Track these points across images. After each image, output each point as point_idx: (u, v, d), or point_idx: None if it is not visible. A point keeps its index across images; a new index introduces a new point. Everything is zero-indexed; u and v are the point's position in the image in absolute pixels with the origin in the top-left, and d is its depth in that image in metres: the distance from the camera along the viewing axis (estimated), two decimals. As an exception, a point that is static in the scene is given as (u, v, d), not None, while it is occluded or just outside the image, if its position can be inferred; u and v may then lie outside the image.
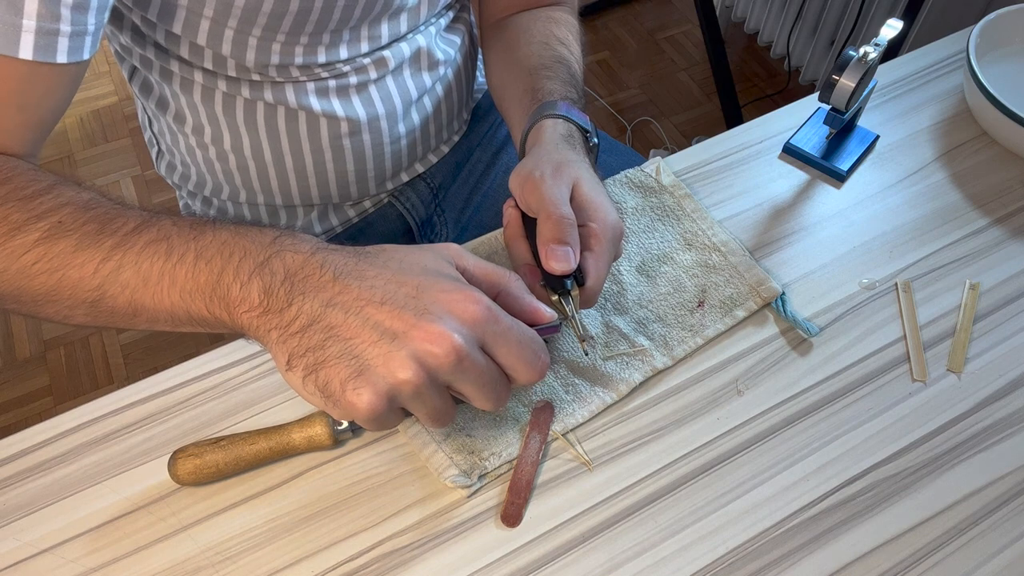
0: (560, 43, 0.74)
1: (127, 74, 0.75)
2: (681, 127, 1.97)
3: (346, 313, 0.42)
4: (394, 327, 0.42)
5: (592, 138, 0.65)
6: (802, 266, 0.68)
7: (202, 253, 0.45)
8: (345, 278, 0.43)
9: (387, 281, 0.43)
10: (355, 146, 0.77)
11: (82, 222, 0.47)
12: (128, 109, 1.99)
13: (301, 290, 0.43)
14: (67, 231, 0.47)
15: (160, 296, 0.46)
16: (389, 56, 0.74)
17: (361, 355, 0.42)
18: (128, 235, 0.47)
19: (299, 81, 0.70)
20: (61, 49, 0.52)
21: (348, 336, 0.42)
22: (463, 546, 0.54)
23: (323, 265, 0.43)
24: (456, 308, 0.43)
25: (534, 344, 0.46)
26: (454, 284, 0.44)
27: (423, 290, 0.43)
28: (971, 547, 0.54)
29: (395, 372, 0.41)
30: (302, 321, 0.42)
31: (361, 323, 0.42)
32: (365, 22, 0.69)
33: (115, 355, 1.59)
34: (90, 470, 0.56)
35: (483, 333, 0.43)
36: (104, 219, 0.48)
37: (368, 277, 0.43)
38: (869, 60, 0.66)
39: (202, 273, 0.45)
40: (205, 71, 0.69)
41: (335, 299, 0.42)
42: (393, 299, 0.42)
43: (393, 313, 0.42)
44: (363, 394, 0.42)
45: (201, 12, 0.62)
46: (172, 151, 0.80)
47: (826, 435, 0.59)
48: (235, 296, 0.44)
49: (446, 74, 0.81)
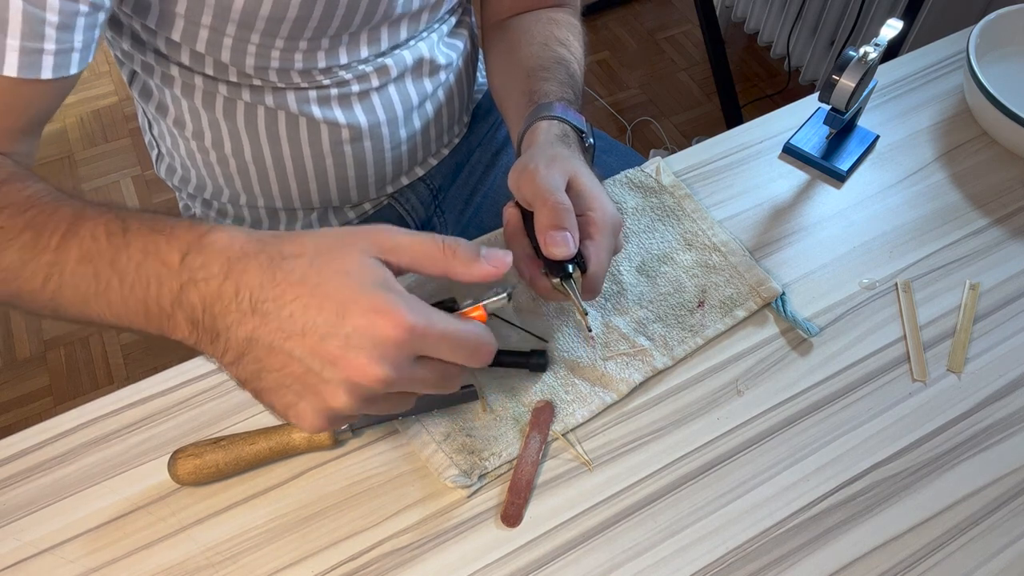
0: (560, 44, 0.74)
1: (127, 78, 0.75)
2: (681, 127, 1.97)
3: (270, 348, 0.42)
4: (321, 355, 0.41)
5: (588, 138, 0.65)
6: (802, 266, 0.68)
7: (124, 279, 0.44)
8: (263, 308, 0.42)
9: (306, 306, 0.41)
10: (356, 152, 0.77)
11: (19, 228, 0.47)
12: (128, 109, 1.99)
13: (224, 323, 0.42)
14: (9, 240, 0.47)
15: (104, 314, 0.46)
16: (391, 64, 0.74)
17: (293, 385, 0.42)
18: (58, 249, 0.46)
19: (300, 88, 0.70)
20: (46, 66, 0.52)
21: (277, 368, 0.42)
22: (463, 546, 0.54)
23: (237, 293, 0.42)
24: (379, 333, 0.41)
25: (471, 340, 0.44)
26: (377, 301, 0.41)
27: (343, 314, 0.41)
28: (971, 547, 0.54)
29: (328, 401, 0.42)
30: (232, 355, 0.42)
31: (287, 356, 0.41)
32: (365, 29, 0.69)
33: (115, 355, 1.59)
34: (90, 470, 0.56)
35: (412, 350, 0.42)
36: (39, 226, 0.47)
37: (286, 303, 0.41)
38: (869, 60, 0.66)
39: (129, 299, 0.44)
40: (206, 77, 0.69)
41: (256, 333, 0.42)
42: (313, 328, 0.41)
43: (316, 345, 0.41)
44: (305, 416, 0.43)
45: (199, 21, 0.62)
46: (172, 154, 0.80)
47: (826, 435, 0.59)
48: (167, 326, 0.44)
49: (448, 79, 0.81)
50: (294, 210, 0.82)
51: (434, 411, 0.58)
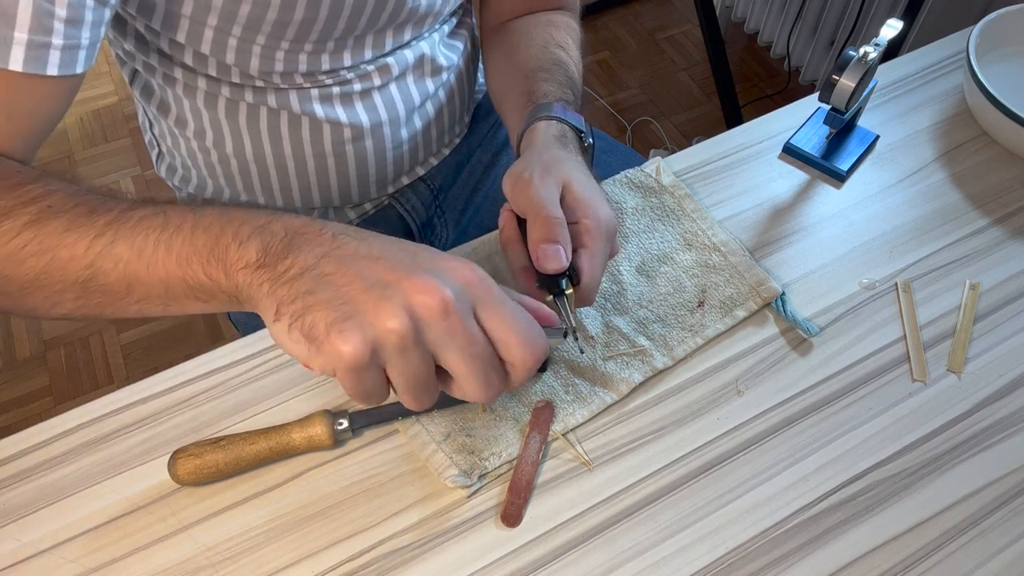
0: (558, 46, 0.74)
1: (128, 78, 0.75)
2: (681, 127, 1.97)
3: (340, 263, 0.42)
4: (386, 278, 0.41)
5: (587, 138, 0.65)
6: (802, 266, 0.68)
7: (199, 222, 0.45)
8: (344, 236, 0.43)
9: (385, 244, 0.43)
10: (358, 151, 0.77)
11: (72, 204, 0.47)
12: (128, 109, 1.99)
13: (299, 244, 0.43)
14: (57, 213, 0.47)
15: (155, 265, 0.45)
16: (393, 63, 0.74)
17: (351, 300, 0.41)
18: (122, 212, 0.46)
19: (303, 88, 0.70)
20: (52, 62, 0.52)
21: (340, 283, 0.41)
22: (463, 546, 0.54)
23: (324, 227, 0.44)
24: (451, 269, 0.42)
25: (531, 321, 0.44)
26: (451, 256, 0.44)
27: (418, 255, 0.43)
28: (971, 547, 0.54)
29: (383, 319, 0.40)
30: (295, 271, 0.42)
31: (355, 273, 0.41)
32: (370, 32, 0.69)
33: (115, 355, 1.59)
34: (90, 470, 0.56)
35: (476, 297, 0.42)
36: (95, 202, 0.47)
37: (367, 239, 0.43)
38: (869, 60, 0.66)
39: (199, 238, 0.45)
40: (208, 77, 0.69)
41: (331, 252, 0.42)
42: (389, 256, 0.42)
43: (387, 266, 0.42)
44: (349, 338, 0.40)
45: (205, 22, 0.62)
46: (173, 154, 0.80)
47: (826, 435, 0.59)
48: (233, 255, 0.43)
49: (449, 79, 0.81)
50: (295, 210, 0.82)
51: (434, 411, 0.58)
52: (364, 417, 0.57)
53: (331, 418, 0.56)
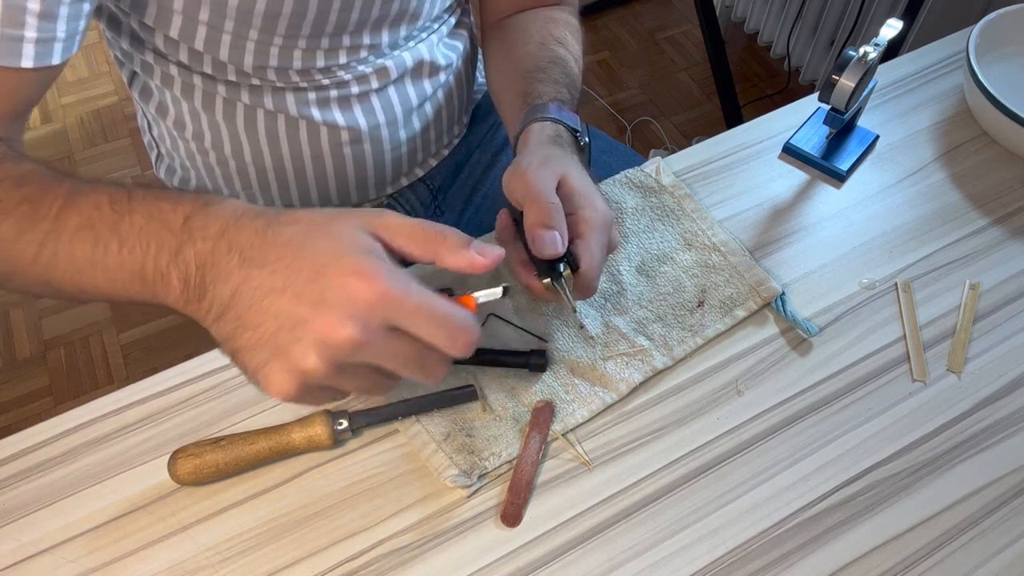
0: (557, 42, 0.74)
1: (127, 79, 0.75)
2: (681, 127, 1.97)
3: (249, 305, 0.42)
4: (295, 315, 0.41)
5: (582, 137, 0.65)
6: (802, 266, 0.68)
7: (124, 241, 0.45)
8: (248, 265, 0.43)
9: (288, 265, 0.42)
10: (356, 154, 0.77)
11: (16, 201, 0.47)
12: (128, 109, 1.99)
13: (212, 279, 0.43)
14: (5, 212, 0.47)
15: (97, 282, 0.46)
16: (391, 65, 0.74)
17: (266, 344, 0.42)
18: (57, 218, 0.47)
19: (299, 88, 0.70)
20: (27, 55, 0.52)
21: (253, 326, 0.42)
22: (463, 546, 0.54)
23: (229, 250, 0.43)
24: (352, 293, 0.41)
25: (449, 320, 0.43)
26: (356, 263, 0.42)
27: (321, 273, 0.41)
28: (971, 547, 0.54)
29: (297, 361, 0.41)
30: (215, 311, 0.43)
31: (263, 313, 0.42)
32: (364, 28, 0.69)
33: (115, 355, 1.59)
34: (90, 470, 0.56)
35: (385, 315, 0.41)
36: (35, 198, 0.47)
37: (270, 261, 0.42)
38: (869, 60, 0.66)
39: (126, 262, 0.45)
40: (205, 76, 0.69)
41: (239, 288, 0.42)
42: (292, 285, 0.42)
43: (290, 303, 0.41)
44: (273, 380, 0.42)
45: (197, 17, 0.62)
46: (172, 155, 0.80)
47: (826, 435, 0.59)
48: (160, 287, 0.45)
49: (447, 80, 0.81)
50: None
51: (434, 411, 0.58)
52: (364, 417, 0.57)
53: (331, 418, 0.56)
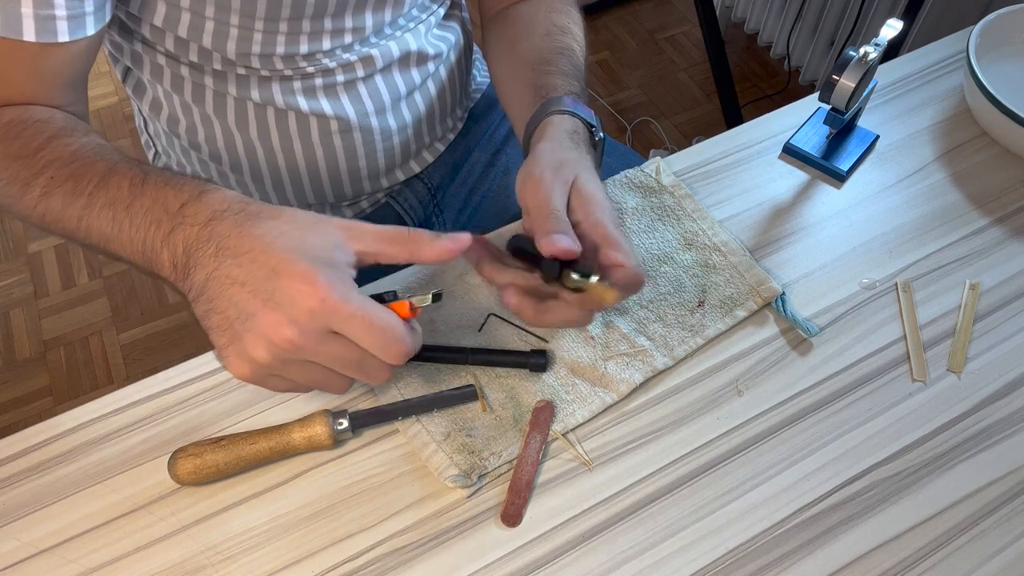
0: (562, 32, 0.74)
1: (121, 75, 0.76)
2: (681, 127, 1.97)
3: (219, 291, 0.46)
4: (248, 308, 0.45)
5: (598, 132, 0.65)
6: (802, 266, 0.68)
7: (133, 220, 0.50)
8: (222, 255, 0.46)
9: (252, 260, 0.46)
10: (346, 144, 0.77)
11: (64, 177, 0.53)
12: (128, 109, 1.99)
13: (194, 263, 0.47)
14: (56, 187, 0.54)
15: (121, 251, 0.52)
16: (377, 55, 0.74)
17: (228, 328, 0.46)
18: (91, 195, 0.52)
19: (285, 76, 0.70)
20: (61, 31, 0.57)
21: (220, 310, 0.46)
22: (463, 546, 0.54)
23: (210, 238, 0.47)
24: (296, 297, 0.44)
25: (381, 328, 0.46)
26: (307, 270, 0.45)
27: (277, 273, 0.45)
28: (971, 547, 0.54)
29: (250, 349, 0.45)
30: (194, 293, 0.47)
31: (228, 300, 0.46)
32: (345, 11, 0.69)
33: (115, 355, 1.59)
34: (90, 470, 0.56)
35: (323, 322, 0.45)
36: (78, 175, 0.53)
37: (240, 253, 0.46)
38: (869, 60, 0.66)
39: (135, 239, 0.50)
40: (192, 66, 0.69)
41: (212, 275, 0.46)
42: (251, 280, 0.45)
43: (247, 296, 0.45)
44: (232, 361, 0.47)
45: (179, 4, 0.63)
46: (168, 153, 0.80)
47: (826, 435, 0.59)
48: (157, 263, 0.50)
49: (438, 71, 0.81)
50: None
51: (434, 411, 0.58)
52: (364, 417, 0.57)
53: (331, 418, 0.56)
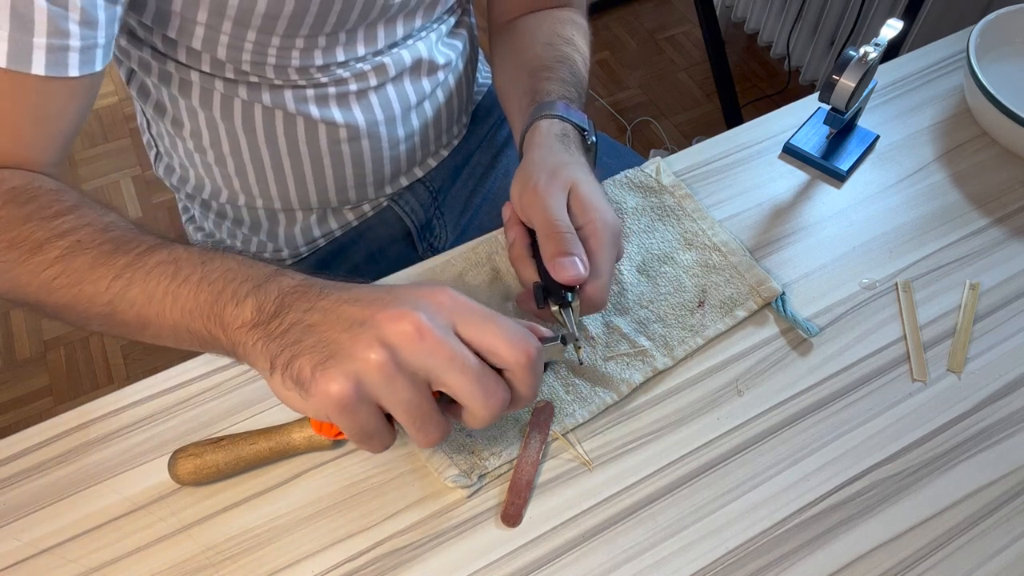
0: (564, 41, 0.74)
1: (125, 77, 0.75)
2: (681, 127, 1.97)
3: (324, 312, 0.44)
4: (361, 316, 0.43)
5: (590, 136, 0.65)
6: (802, 266, 0.68)
7: (206, 276, 0.47)
8: (328, 290, 0.45)
9: (365, 289, 0.45)
10: (354, 152, 0.77)
11: (99, 242, 0.50)
12: (128, 109, 1.99)
13: (289, 304, 0.45)
14: (85, 249, 0.49)
15: (163, 314, 0.48)
16: (389, 63, 0.74)
17: (331, 342, 0.43)
18: (140, 255, 0.49)
19: (298, 85, 0.70)
20: (72, 63, 0.54)
21: (322, 329, 0.43)
22: (463, 546, 0.54)
23: (312, 284, 0.46)
24: (424, 295, 0.44)
25: (514, 324, 0.45)
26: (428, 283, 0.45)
27: (396, 290, 0.45)
28: (971, 547, 0.54)
29: (360, 352, 0.42)
30: (285, 326, 0.44)
31: (335, 318, 0.44)
32: (361, 26, 0.69)
33: (115, 355, 1.59)
34: (90, 470, 0.56)
35: (452, 315, 0.44)
36: (120, 240, 0.50)
37: (350, 288, 0.45)
38: (869, 60, 0.66)
39: (203, 293, 0.47)
40: (203, 73, 0.69)
41: (316, 304, 0.45)
42: (365, 297, 0.44)
43: (363, 305, 0.44)
44: (332, 376, 0.42)
45: (195, 18, 0.62)
46: (171, 154, 0.80)
47: (826, 435, 0.59)
48: (230, 314, 0.46)
49: (447, 79, 0.81)
50: (292, 211, 0.82)
51: (434, 411, 0.58)
52: (364, 417, 0.57)
53: (331, 418, 0.56)
